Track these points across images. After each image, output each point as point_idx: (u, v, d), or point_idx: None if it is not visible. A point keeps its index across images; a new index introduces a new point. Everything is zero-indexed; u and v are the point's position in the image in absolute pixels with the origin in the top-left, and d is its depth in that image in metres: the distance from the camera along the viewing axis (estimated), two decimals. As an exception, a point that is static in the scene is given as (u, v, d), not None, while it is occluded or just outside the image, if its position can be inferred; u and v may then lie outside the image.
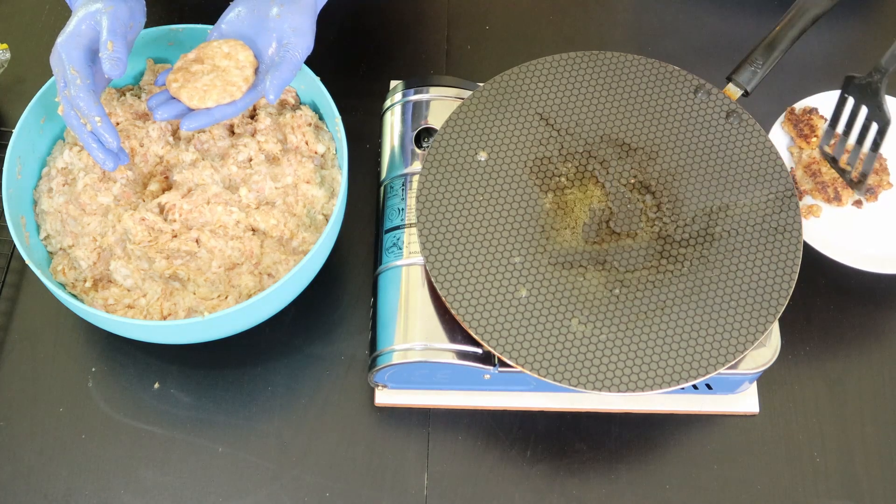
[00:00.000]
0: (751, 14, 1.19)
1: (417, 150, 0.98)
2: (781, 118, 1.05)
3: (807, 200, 1.02)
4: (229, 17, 0.91)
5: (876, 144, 0.95)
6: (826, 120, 1.03)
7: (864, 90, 0.95)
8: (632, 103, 0.97)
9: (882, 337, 1.00)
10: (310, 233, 0.95)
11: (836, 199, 1.01)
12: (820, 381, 0.98)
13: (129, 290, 0.91)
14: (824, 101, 1.05)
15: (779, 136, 1.05)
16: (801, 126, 1.03)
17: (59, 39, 0.85)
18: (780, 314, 0.87)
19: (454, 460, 0.94)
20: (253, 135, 0.98)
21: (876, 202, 1.03)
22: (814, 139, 1.03)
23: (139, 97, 1.00)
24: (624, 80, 0.98)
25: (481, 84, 0.99)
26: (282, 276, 0.89)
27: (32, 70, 1.13)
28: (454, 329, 0.89)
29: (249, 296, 0.91)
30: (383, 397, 0.96)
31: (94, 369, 0.98)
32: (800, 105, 1.05)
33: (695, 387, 0.93)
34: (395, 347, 0.89)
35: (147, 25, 0.97)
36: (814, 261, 0.99)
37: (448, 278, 0.88)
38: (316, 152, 0.99)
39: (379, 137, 1.02)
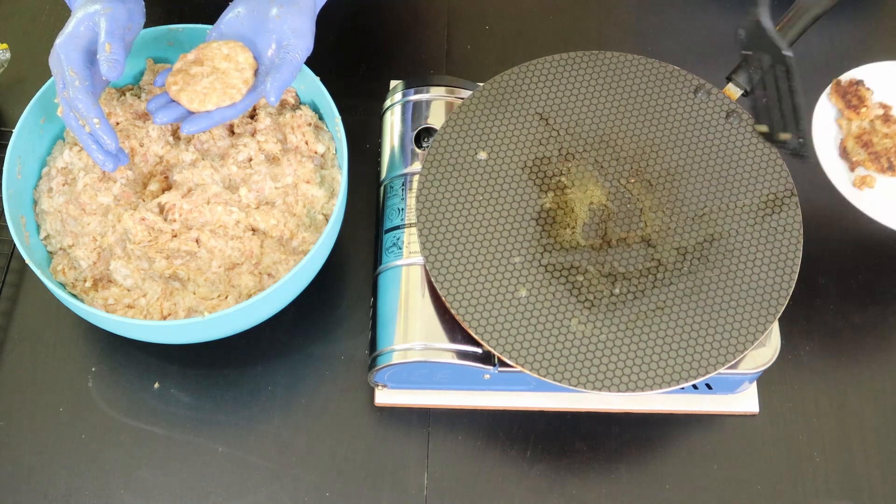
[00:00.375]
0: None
1: (417, 150, 0.98)
2: (827, 90, 1.04)
3: (859, 171, 1.01)
4: (228, 17, 0.91)
5: (790, 88, 0.90)
6: (873, 91, 1.03)
7: (756, 33, 0.91)
8: (632, 103, 0.97)
9: (882, 336, 1.00)
10: (310, 233, 0.95)
11: (890, 168, 1.00)
12: (820, 381, 0.98)
13: (129, 290, 0.91)
14: (870, 73, 1.05)
15: (825, 108, 1.04)
16: (850, 97, 1.02)
17: (58, 41, 0.85)
18: (780, 314, 0.87)
19: (454, 460, 0.94)
20: (253, 135, 0.98)
21: None
22: (864, 109, 1.02)
23: (139, 97, 1.00)
24: (624, 80, 0.98)
25: (481, 84, 0.99)
26: (282, 276, 0.89)
27: (32, 70, 1.13)
28: (454, 329, 0.89)
29: (249, 296, 0.91)
30: (383, 397, 0.96)
31: (94, 369, 0.98)
32: (845, 77, 1.05)
33: (695, 387, 0.93)
34: (394, 347, 0.89)
35: (147, 25, 0.97)
36: (869, 233, 1.00)
37: (448, 278, 0.88)
38: (316, 152, 0.99)
39: (379, 137, 1.02)
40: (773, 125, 0.94)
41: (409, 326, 0.89)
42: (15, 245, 0.99)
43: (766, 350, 0.89)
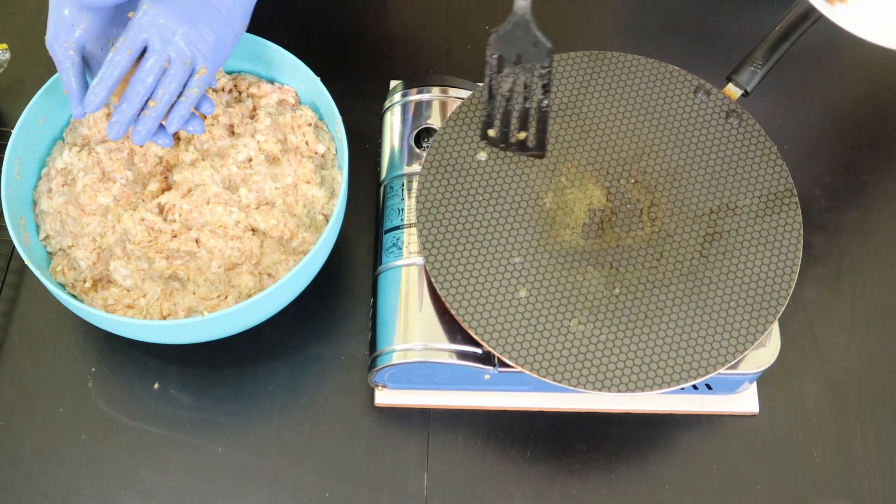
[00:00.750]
0: (751, 13, 1.19)
1: (417, 150, 0.98)
2: None
3: None
4: None
5: (544, 77, 0.90)
6: None
7: (513, 36, 0.88)
8: (632, 103, 0.97)
9: (882, 335, 1.00)
10: (310, 233, 0.95)
11: None
12: (820, 381, 0.98)
13: (128, 291, 0.91)
14: None
15: None
16: None
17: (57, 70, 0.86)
18: (780, 314, 0.87)
19: (454, 460, 0.94)
20: (253, 135, 0.98)
21: None
22: None
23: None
24: (624, 80, 0.98)
25: (481, 84, 0.99)
26: (282, 277, 0.89)
27: (32, 70, 1.13)
28: (454, 329, 0.89)
29: (249, 296, 0.91)
30: (383, 397, 0.96)
31: (94, 369, 0.98)
32: None
33: (695, 387, 0.93)
34: (394, 347, 0.89)
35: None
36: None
37: (448, 278, 0.88)
38: (316, 152, 0.99)
39: (379, 137, 1.02)
40: (509, 126, 0.92)
41: (409, 327, 0.89)
42: (14, 246, 0.99)
43: (766, 350, 0.89)
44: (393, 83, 1.08)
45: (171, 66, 0.84)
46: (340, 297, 1.01)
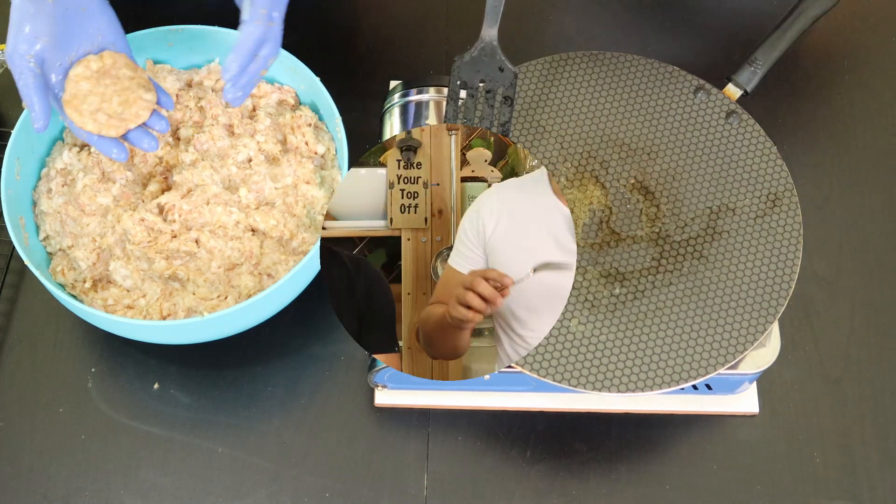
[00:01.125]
0: (751, 14, 1.18)
1: (417, 151, 0.98)
2: None
3: None
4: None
5: (507, 101, 0.91)
6: None
7: (478, 62, 0.91)
8: (632, 103, 0.97)
9: (882, 335, 1.00)
10: (309, 233, 0.95)
11: None
12: (820, 381, 0.98)
13: (128, 291, 0.91)
14: None
15: None
16: None
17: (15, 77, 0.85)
18: (780, 314, 0.87)
19: (454, 460, 0.94)
20: (252, 135, 0.98)
21: None
22: None
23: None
24: (624, 80, 0.98)
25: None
26: (281, 277, 0.89)
27: (32, 70, 1.13)
28: (454, 329, 0.89)
29: (249, 296, 0.91)
30: (383, 398, 0.96)
31: (93, 369, 0.98)
32: None
33: (695, 387, 0.93)
34: (394, 348, 0.89)
35: (147, 26, 0.97)
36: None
37: (448, 278, 0.88)
38: (316, 153, 0.99)
39: (379, 137, 1.02)
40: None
41: (409, 327, 0.89)
42: (14, 246, 0.99)
43: (766, 351, 0.89)
44: (393, 83, 1.08)
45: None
46: (340, 297, 1.01)
